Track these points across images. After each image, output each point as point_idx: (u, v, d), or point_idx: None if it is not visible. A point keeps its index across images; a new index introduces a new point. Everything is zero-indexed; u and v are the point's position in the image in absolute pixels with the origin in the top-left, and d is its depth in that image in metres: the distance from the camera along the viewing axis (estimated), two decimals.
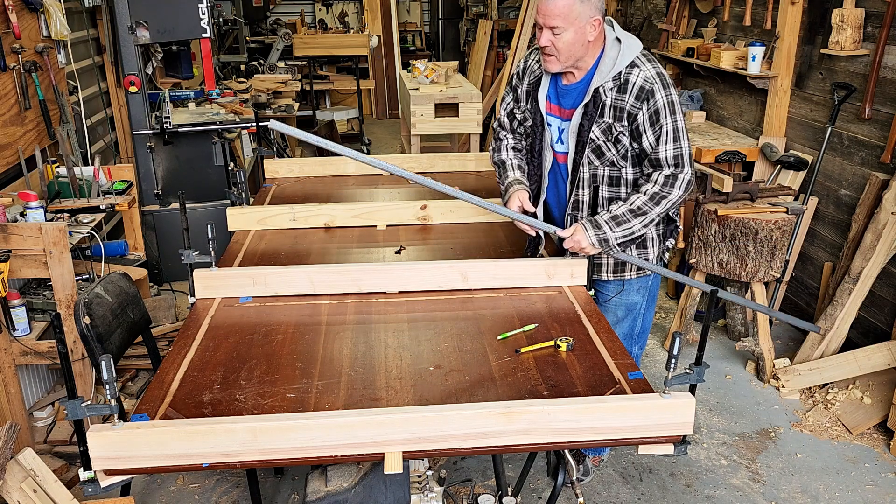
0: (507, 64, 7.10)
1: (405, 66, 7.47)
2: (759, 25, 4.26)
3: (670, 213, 2.53)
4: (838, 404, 3.34)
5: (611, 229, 2.32)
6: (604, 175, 2.44)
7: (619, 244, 2.38)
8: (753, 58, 4.03)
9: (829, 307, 3.47)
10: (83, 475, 1.63)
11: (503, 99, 2.65)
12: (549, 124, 2.48)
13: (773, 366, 3.58)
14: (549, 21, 2.24)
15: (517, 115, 2.58)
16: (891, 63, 3.36)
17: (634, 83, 2.29)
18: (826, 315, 3.47)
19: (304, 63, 8.25)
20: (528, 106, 2.51)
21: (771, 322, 3.83)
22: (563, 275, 2.44)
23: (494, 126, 2.70)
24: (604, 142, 2.36)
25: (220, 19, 6.93)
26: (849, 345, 3.48)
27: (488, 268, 2.43)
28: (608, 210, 2.36)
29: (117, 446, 1.60)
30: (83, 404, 1.57)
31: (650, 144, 2.33)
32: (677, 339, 1.64)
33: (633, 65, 2.30)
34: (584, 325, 2.18)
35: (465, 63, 9.84)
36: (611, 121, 2.33)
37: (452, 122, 5.49)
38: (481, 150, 5.95)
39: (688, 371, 1.72)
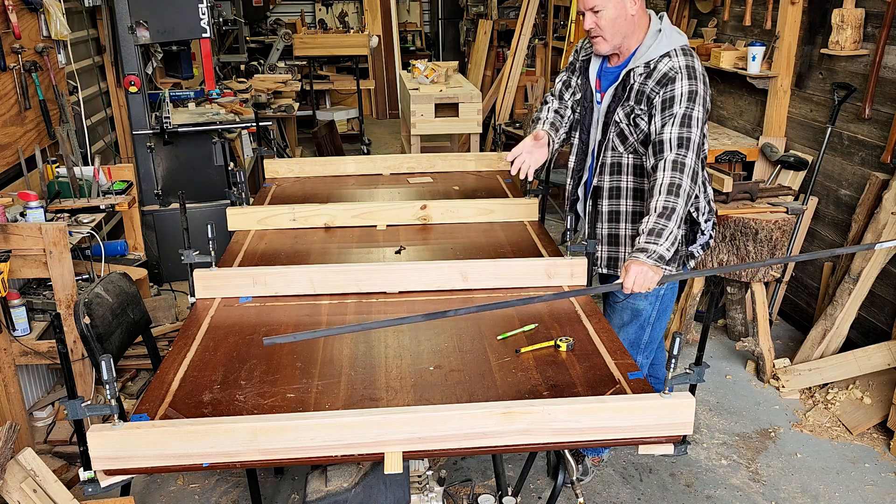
0: (507, 64, 7.10)
1: (405, 66, 7.47)
2: (759, 25, 4.26)
3: (693, 215, 2.45)
4: (838, 404, 3.34)
5: (657, 244, 2.16)
6: (628, 164, 2.43)
7: (671, 257, 2.22)
8: (753, 58, 4.03)
9: (829, 307, 3.47)
10: (83, 475, 1.63)
11: (562, 71, 2.70)
12: (599, 102, 2.50)
13: (773, 366, 3.58)
14: (587, 3, 2.27)
15: (571, 84, 2.62)
16: (891, 63, 3.36)
17: (661, 70, 2.30)
18: (826, 315, 3.47)
19: (304, 63, 8.25)
20: (580, 81, 2.56)
21: (771, 322, 3.83)
22: (563, 275, 2.45)
23: (546, 95, 2.75)
24: (626, 125, 2.37)
25: (220, 19, 6.93)
26: (849, 345, 3.48)
27: (488, 268, 2.43)
28: (640, 233, 2.22)
29: (117, 446, 1.60)
30: (83, 404, 1.57)
31: (656, 128, 2.29)
32: (677, 339, 1.64)
33: (667, 55, 2.31)
34: (584, 325, 2.18)
35: (465, 63, 9.84)
36: (633, 104, 2.34)
37: (452, 122, 5.49)
38: (481, 150, 5.96)
39: (688, 371, 1.72)
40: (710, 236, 2.56)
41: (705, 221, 2.50)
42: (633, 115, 2.36)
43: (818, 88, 3.86)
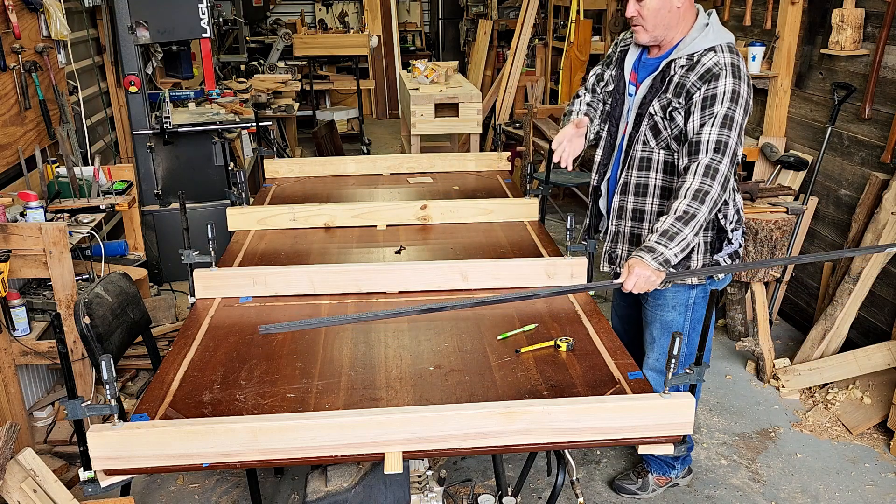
0: (507, 64, 7.10)
1: (405, 66, 7.47)
2: (759, 25, 4.26)
3: (721, 222, 2.37)
4: (838, 404, 3.34)
5: (666, 247, 2.12)
6: (658, 160, 2.35)
7: (679, 261, 2.19)
8: (753, 58, 4.03)
9: (829, 307, 3.47)
10: (83, 475, 1.63)
11: (598, 64, 2.66)
12: (631, 94, 2.44)
13: (773, 366, 3.58)
14: None
15: (605, 77, 2.57)
16: (891, 63, 3.36)
17: (704, 64, 2.22)
18: (826, 315, 3.47)
19: (304, 63, 8.26)
20: (614, 72, 2.51)
21: (771, 322, 3.83)
22: (563, 275, 2.45)
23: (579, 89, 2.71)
24: (661, 118, 2.29)
25: (220, 19, 6.93)
26: (849, 345, 3.48)
27: (488, 268, 2.43)
28: (653, 231, 2.17)
29: (117, 446, 1.60)
30: (83, 404, 1.57)
31: (694, 127, 2.21)
32: (677, 339, 1.64)
33: (712, 49, 2.24)
34: (584, 325, 2.18)
35: (465, 63, 9.85)
36: (671, 97, 2.26)
37: (452, 122, 5.49)
38: (481, 150, 5.96)
39: (688, 371, 1.72)
40: (740, 244, 2.47)
41: (732, 231, 2.40)
42: (669, 109, 2.27)
43: (818, 88, 3.87)
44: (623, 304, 2.82)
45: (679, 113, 2.26)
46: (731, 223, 2.38)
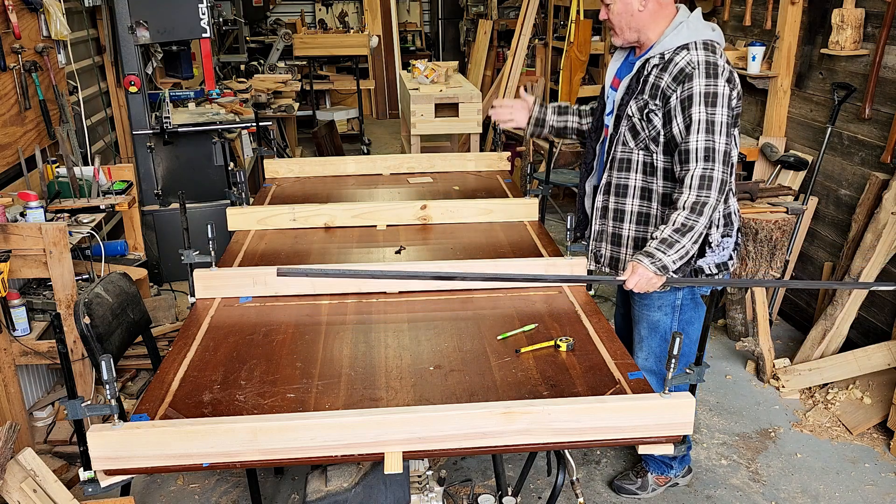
0: (506, 64, 7.10)
1: (405, 66, 7.47)
2: (759, 25, 4.26)
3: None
4: (838, 404, 3.34)
5: (665, 254, 2.16)
6: (638, 161, 2.35)
7: (677, 268, 2.21)
8: (753, 58, 4.03)
9: (829, 307, 3.47)
10: (83, 475, 1.63)
11: None
12: (608, 96, 2.48)
13: (773, 366, 3.57)
14: None
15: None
16: (891, 63, 3.36)
17: (677, 64, 2.21)
18: (826, 315, 3.47)
19: (304, 63, 8.26)
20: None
21: (771, 322, 3.83)
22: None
23: None
24: (639, 119, 2.30)
25: (220, 19, 6.93)
26: (849, 345, 3.48)
27: (488, 268, 2.43)
28: (653, 237, 2.20)
29: (117, 446, 1.60)
30: (83, 404, 1.58)
31: (679, 133, 2.21)
32: (677, 339, 1.64)
33: (685, 47, 2.22)
34: (584, 325, 2.18)
35: (465, 63, 9.84)
36: (647, 98, 2.27)
37: (452, 122, 5.49)
38: (481, 150, 5.96)
39: (688, 371, 1.72)
40: (731, 256, 2.45)
41: (723, 236, 2.39)
42: (646, 111, 2.27)
43: (818, 88, 3.87)
44: (622, 304, 2.83)
45: (656, 115, 2.27)
46: (717, 227, 2.37)
